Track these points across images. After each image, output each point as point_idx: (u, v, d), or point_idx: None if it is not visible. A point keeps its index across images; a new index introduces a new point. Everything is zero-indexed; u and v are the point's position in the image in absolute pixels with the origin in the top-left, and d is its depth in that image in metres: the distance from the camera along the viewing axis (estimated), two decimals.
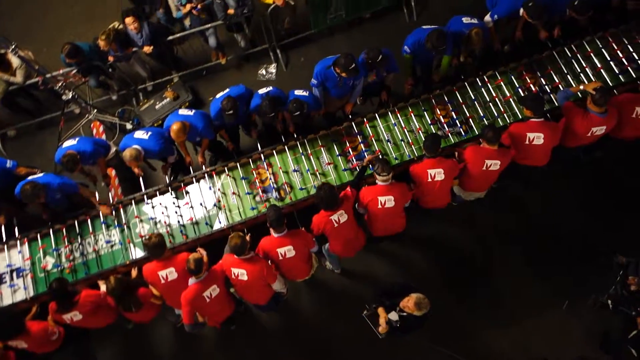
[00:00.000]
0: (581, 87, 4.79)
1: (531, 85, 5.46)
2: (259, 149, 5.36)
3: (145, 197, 5.22)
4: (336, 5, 6.46)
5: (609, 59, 5.49)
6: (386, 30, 7.04)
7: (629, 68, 5.43)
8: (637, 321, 4.87)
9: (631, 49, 5.50)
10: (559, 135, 4.79)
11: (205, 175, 5.29)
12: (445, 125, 5.35)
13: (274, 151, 5.34)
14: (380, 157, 5.04)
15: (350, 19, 6.91)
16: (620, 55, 5.48)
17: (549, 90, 5.42)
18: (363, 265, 5.80)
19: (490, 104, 5.41)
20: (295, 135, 5.37)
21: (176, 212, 5.16)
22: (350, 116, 5.54)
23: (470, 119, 5.34)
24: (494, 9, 5.48)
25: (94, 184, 5.64)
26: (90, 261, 5.02)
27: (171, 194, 5.23)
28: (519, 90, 5.44)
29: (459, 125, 5.33)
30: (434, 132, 5.27)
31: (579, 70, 5.47)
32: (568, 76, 5.46)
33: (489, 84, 5.50)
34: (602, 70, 5.44)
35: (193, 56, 6.99)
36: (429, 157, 4.69)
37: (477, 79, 5.54)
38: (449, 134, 5.31)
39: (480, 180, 4.87)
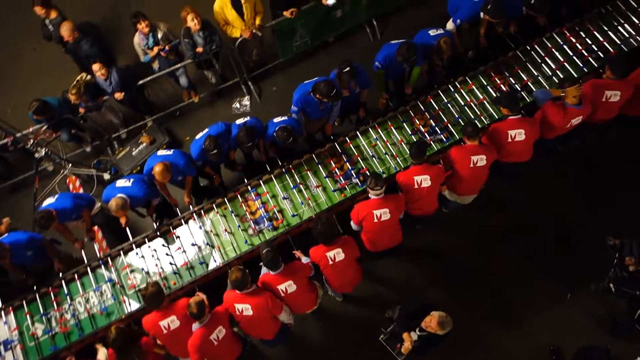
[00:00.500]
0: (562, 93, 4.86)
1: (501, 86, 5.61)
2: (245, 181, 5.29)
3: (133, 245, 5.04)
4: (301, 32, 6.56)
5: (570, 52, 5.72)
6: (352, 51, 7.16)
7: (589, 58, 5.67)
8: None
9: (589, 41, 5.76)
10: (538, 129, 4.91)
11: (194, 214, 5.16)
12: (426, 134, 5.41)
13: (261, 181, 5.28)
14: (369, 173, 5.03)
15: (315, 44, 7.02)
16: (580, 47, 5.73)
17: (519, 89, 5.57)
18: (365, 286, 5.66)
19: (466, 108, 5.52)
20: (280, 163, 5.33)
21: (167, 254, 5.00)
22: (332, 137, 5.54)
23: (449, 125, 5.42)
24: (455, 15, 5.65)
25: (72, 243, 5.31)
26: (83, 321, 4.77)
27: (161, 240, 5.07)
28: (491, 91, 5.58)
29: (439, 132, 5.40)
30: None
31: (544, 67, 5.66)
32: (535, 73, 5.64)
33: (461, 90, 5.62)
34: (565, 63, 5.65)
35: (165, 98, 6.92)
36: (415, 164, 4.72)
37: (450, 86, 5.66)
38: (431, 142, 5.37)
39: (471, 181, 4.90)
